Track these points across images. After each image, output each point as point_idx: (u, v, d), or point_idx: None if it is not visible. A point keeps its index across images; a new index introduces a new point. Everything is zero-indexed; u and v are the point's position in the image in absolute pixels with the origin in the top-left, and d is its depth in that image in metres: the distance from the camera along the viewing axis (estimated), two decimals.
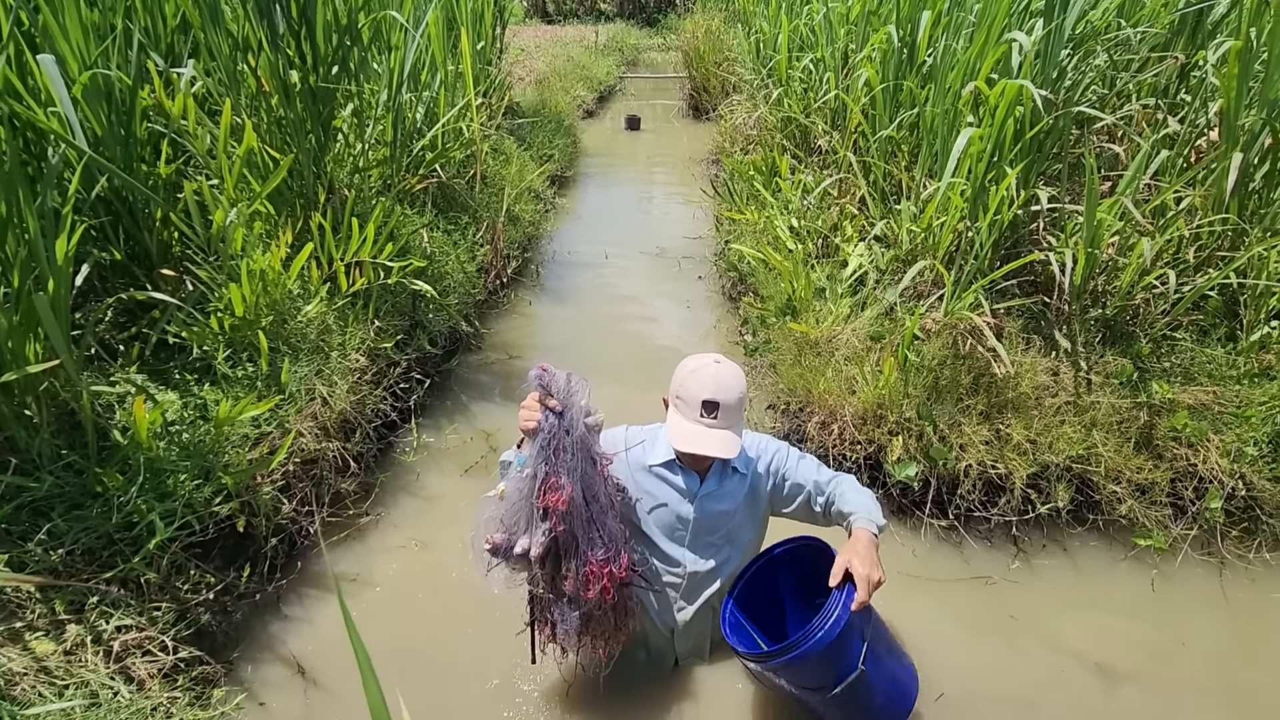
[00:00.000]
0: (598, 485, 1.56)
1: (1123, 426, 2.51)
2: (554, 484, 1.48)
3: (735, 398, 1.63)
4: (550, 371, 1.51)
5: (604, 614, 1.64)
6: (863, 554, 1.54)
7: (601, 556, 1.57)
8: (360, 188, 3.18)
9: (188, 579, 2.00)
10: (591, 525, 1.55)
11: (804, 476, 1.82)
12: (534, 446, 1.49)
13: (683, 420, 1.64)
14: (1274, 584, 2.32)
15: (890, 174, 3.41)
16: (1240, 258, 2.52)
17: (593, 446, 1.55)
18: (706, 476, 1.79)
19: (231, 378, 2.37)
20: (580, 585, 1.56)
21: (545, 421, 1.48)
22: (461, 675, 2.02)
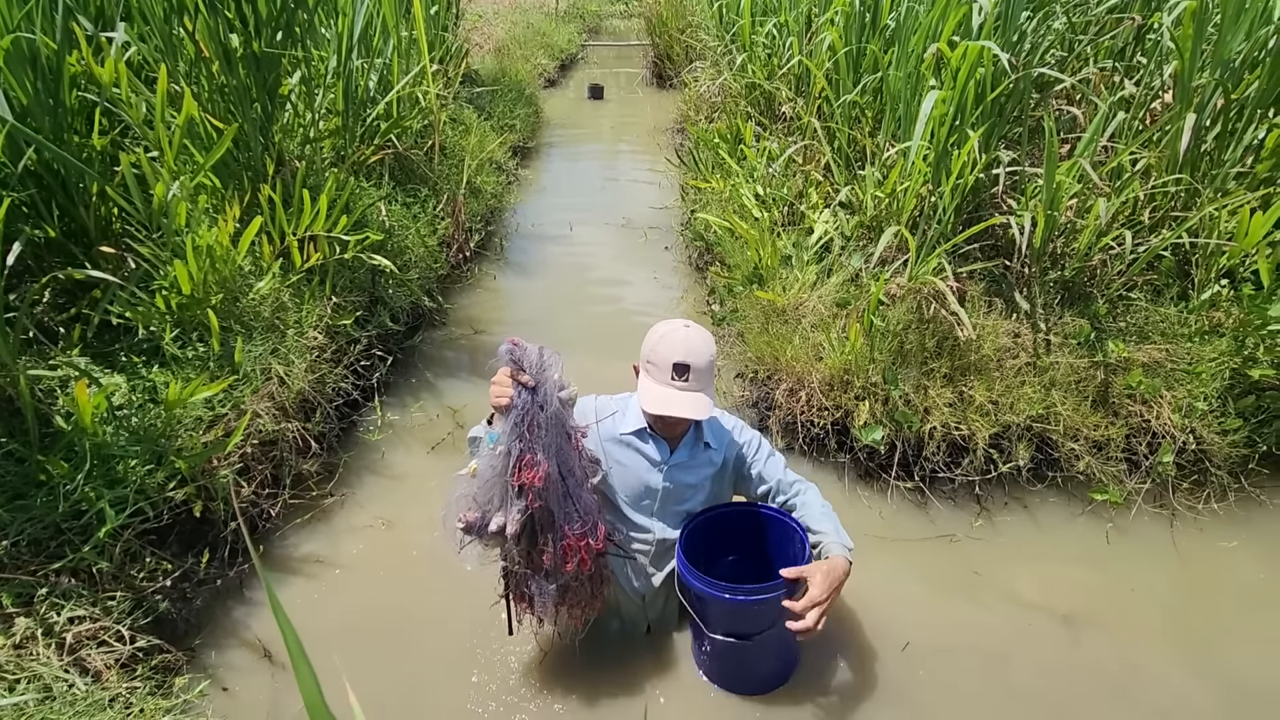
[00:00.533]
0: (573, 460, 1.55)
1: (1080, 385, 2.56)
2: (529, 460, 1.45)
3: (705, 361, 1.62)
4: (521, 346, 1.47)
5: (580, 584, 1.64)
6: (828, 581, 1.56)
7: (578, 530, 1.56)
8: (312, 159, 3.05)
9: (143, 567, 1.93)
10: (567, 500, 1.54)
11: (770, 473, 1.84)
12: (507, 423, 1.46)
13: (653, 384, 1.63)
14: (1221, 533, 2.42)
15: (854, 140, 3.40)
16: (1192, 218, 2.57)
17: (567, 421, 1.53)
18: (678, 447, 1.79)
19: (181, 359, 2.28)
20: (557, 559, 1.56)
21: (519, 398, 1.45)
22: (432, 650, 2.00)
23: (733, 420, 1.90)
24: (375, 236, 2.87)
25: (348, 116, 3.22)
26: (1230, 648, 2.05)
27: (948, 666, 1.99)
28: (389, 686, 1.91)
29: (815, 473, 2.67)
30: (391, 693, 1.90)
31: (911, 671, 1.97)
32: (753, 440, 1.87)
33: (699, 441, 1.81)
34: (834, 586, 1.57)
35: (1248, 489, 2.52)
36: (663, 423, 1.72)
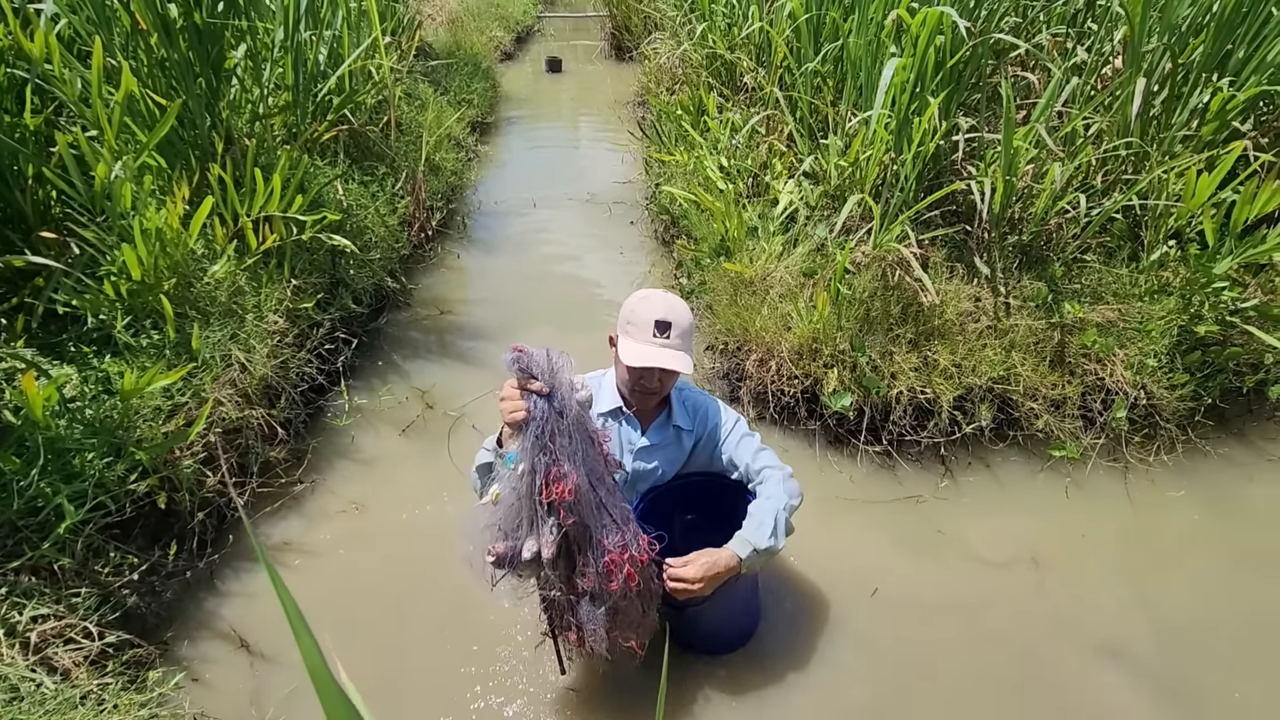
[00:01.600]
0: (600, 465, 1.42)
1: (1038, 346, 2.65)
2: (557, 474, 1.33)
3: (686, 321, 1.61)
4: (527, 351, 1.35)
5: (630, 603, 1.50)
6: (703, 568, 1.51)
7: (618, 542, 1.42)
8: (262, 137, 2.94)
9: (107, 562, 1.88)
10: (601, 511, 1.41)
11: (740, 457, 1.77)
12: (526, 438, 1.33)
13: (636, 344, 1.59)
14: (1170, 483, 2.54)
15: (817, 109, 3.41)
16: (1142, 180, 2.65)
17: (589, 424, 1.41)
18: (649, 428, 1.77)
19: (135, 347, 2.20)
20: (601, 579, 1.42)
21: (535, 409, 1.33)
22: (412, 629, 2.00)
23: (711, 401, 1.84)
24: (333, 216, 2.78)
25: (298, 91, 3.10)
26: (1169, 586, 2.19)
27: (915, 616, 2.08)
28: (370, 668, 1.91)
29: (786, 440, 2.72)
30: (373, 674, 1.89)
31: (881, 621, 2.05)
32: (728, 421, 1.81)
33: (670, 424, 1.78)
34: (708, 574, 1.51)
35: (1194, 440, 2.65)
36: (640, 393, 1.68)
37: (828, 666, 1.93)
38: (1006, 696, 1.88)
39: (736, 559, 1.55)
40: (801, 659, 1.94)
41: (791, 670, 1.91)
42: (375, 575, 2.17)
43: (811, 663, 1.93)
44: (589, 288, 3.83)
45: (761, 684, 1.87)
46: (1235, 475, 2.58)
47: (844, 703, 1.85)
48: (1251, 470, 2.59)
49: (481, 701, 1.83)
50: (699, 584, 1.51)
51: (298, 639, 0.37)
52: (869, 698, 1.86)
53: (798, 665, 1.92)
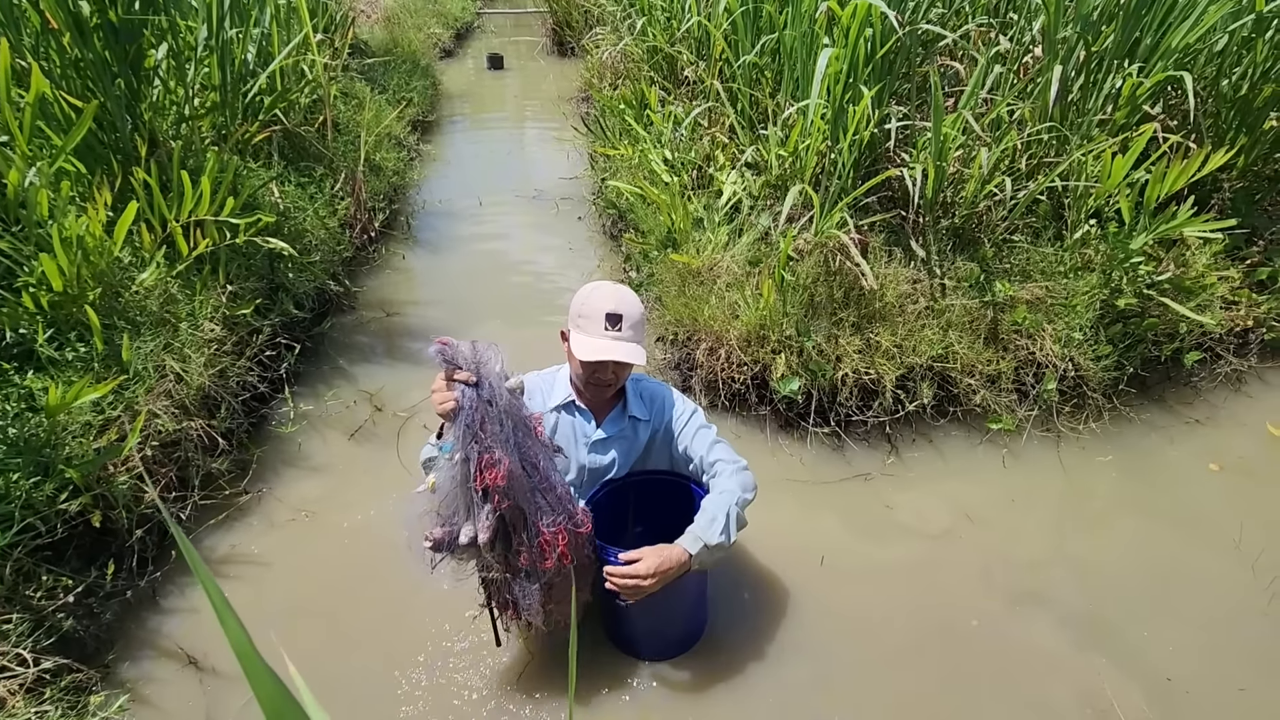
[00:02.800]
0: (535, 450, 1.46)
1: (973, 325, 2.75)
2: (489, 460, 1.36)
3: (638, 313, 1.60)
4: (452, 344, 1.38)
5: (564, 579, 1.55)
6: (653, 564, 1.49)
7: (551, 522, 1.47)
8: (189, 139, 2.84)
9: (39, 585, 1.80)
10: (536, 493, 1.46)
11: (695, 449, 1.75)
12: (457, 427, 1.37)
13: (587, 338, 1.58)
14: (1098, 449, 2.68)
15: (756, 100, 3.46)
16: (1063, 163, 2.78)
17: (520, 410, 1.44)
18: (604, 420, 1.76)
19: (61, 361, 2.10)
20: (536, 557, 1.47)
21: (463, 398, 1.36)
22: (360, 632, 1.97)
23: (667, 391, 1.83)
24: (267, 219, 2.70)
25: (226, 91, 3.00)
26: (1093, 542, 2.34)
27: (865, 586, 2.16)
28: (321, 670, 1.87)
29: (739, 426, 2.76)
30: (325, 674, 1.86)
31: (833, 593, 2.12)
32: (684, 413, 1.79)
33: (625, 415, 1.77)
34: (658, 570, 1.49)
35: (1119, 408, 2.80)
36: (594, 386, 1.67)
37: (784, 648, 1.98)
38: (952, 647, 1.97)
39: (687, 555, 1.53)
40: (760, 625, 1.98)
41: (749, 659, 1.95)
42: (326, 580, 2.13)
43: (771, 626, 1.99)
44: (539, 284, 3.81)
45: (712, 673, 1.90)
46: (1158, 438, 2.74)
47: (794, 682, 1.90)
48: (1171, 433, 2.76)
49: (426, 691, 1.82)
50: (649, 579, 1.49)
51: (223, 623, 0.38)
52: (821, 676, 1.92)
53: (759, 630, 1.97)
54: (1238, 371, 2.97)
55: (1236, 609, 2.10)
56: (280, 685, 0.37)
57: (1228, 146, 2.80)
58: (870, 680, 1.90)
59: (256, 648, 0.37)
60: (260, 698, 0.38)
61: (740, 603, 2.07)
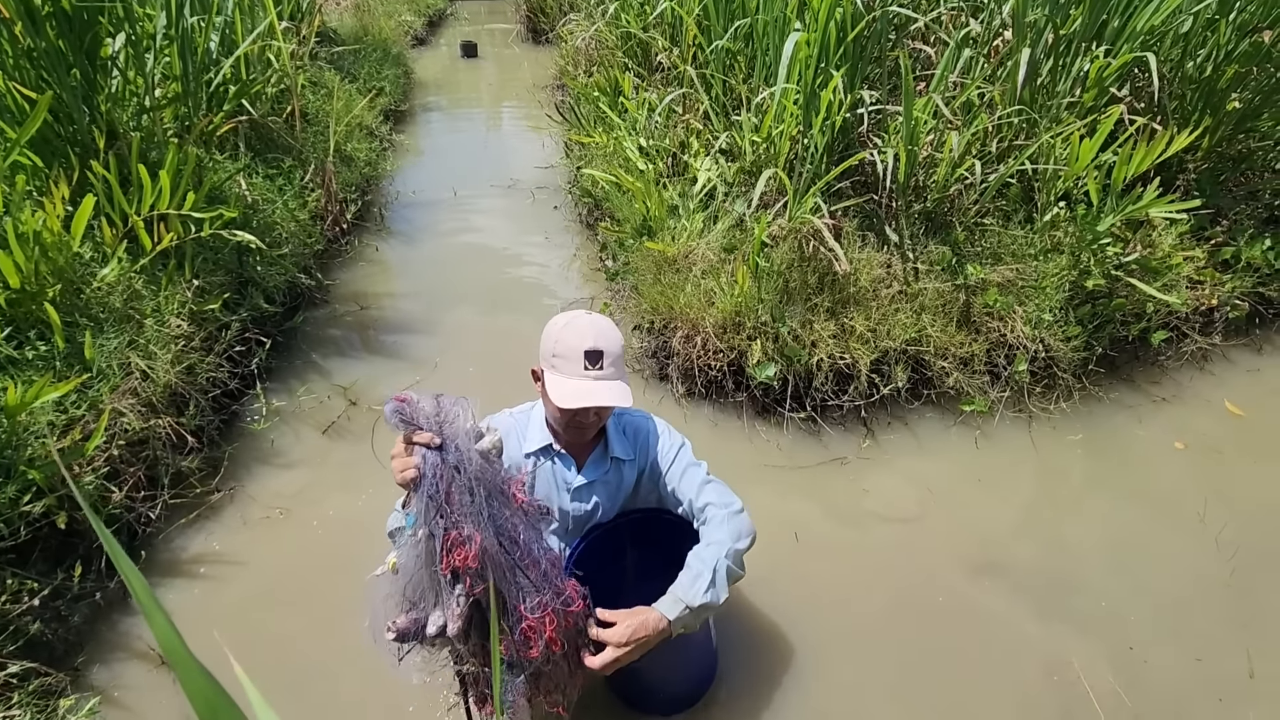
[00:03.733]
0: (514, 522, 1.22)
1: (946, 308, 2.78)
2: (457, 538, 1.14)
3: (618, 346, 1.43)
4: (411, 400, 1.16)
5: (554, 666, 1.32)
6: (629, 631, 1.32)
7: (536, 605, 1.23)
8: (150, 130, 2.77)
9: (3, 589, 1.76)
10: (517, 571, 1.22)
11: (685, 490, 1.57)
12: (420, 499, 1.16)
13: (565, 379, 1.39)
14: (1069, 428, 2.72)
15: (730, 87, 3.45)
16: (1031, 146, 2.80)
17: (496, 475, 1.21)
18: (585, 464, 1.59)
19: (20, 360, 2.05)
20: (519, 646, 1.24)
21: (425, 465, 1.14)
22: (340, 636, 1.95)
23: (653, 424, 1.66)
24: (230, 213, 2.65)
25: (187, 81, 2.93)
26: (1061, 519, 2.38)
27: (840, 561, 2.20)
28: (292, 672, 1.86)
29: (715, 413, 2.77)
30: (294, 676, 1.85)
31: (810, 568, 2.16)
32: (671, 448, 1.61)
33: (607, 456, 1.60)
34: (634, 639, 1.31)
35: (1089, 387, 2.84)
36: (573, 429, 1.49)
37: (759, 625, 1.99)
38: (922, 621, 2.00)
39: (665, 621, 1.34)
40: (729, 625, 2.00)
41: (722, 639, 1.96)
42: (300, 578, 2.11)
43: (753, 597, 2.01)
44: (515, 276, 3.79)
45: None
46: (1126, 417, 2.79)
47: (766, 654, 1.92)
48: (1139, 411, 2.81)
49: (393, 687, 1.80)
50: (625, 648, 1.31)
51: (148, 617, 0.37)
52: (793, 650, 1.94)
53: (738, 600, 1.99)
54: (1203, 350, 3.03)
55: (1199, 582, 2.15)
56: (211, 680, 0.37)
57: (1192, 128, 2.84)
58: (841, 653, 1.93)
59: (188, 646, 0.37)
60: (190, 693, 0.37)
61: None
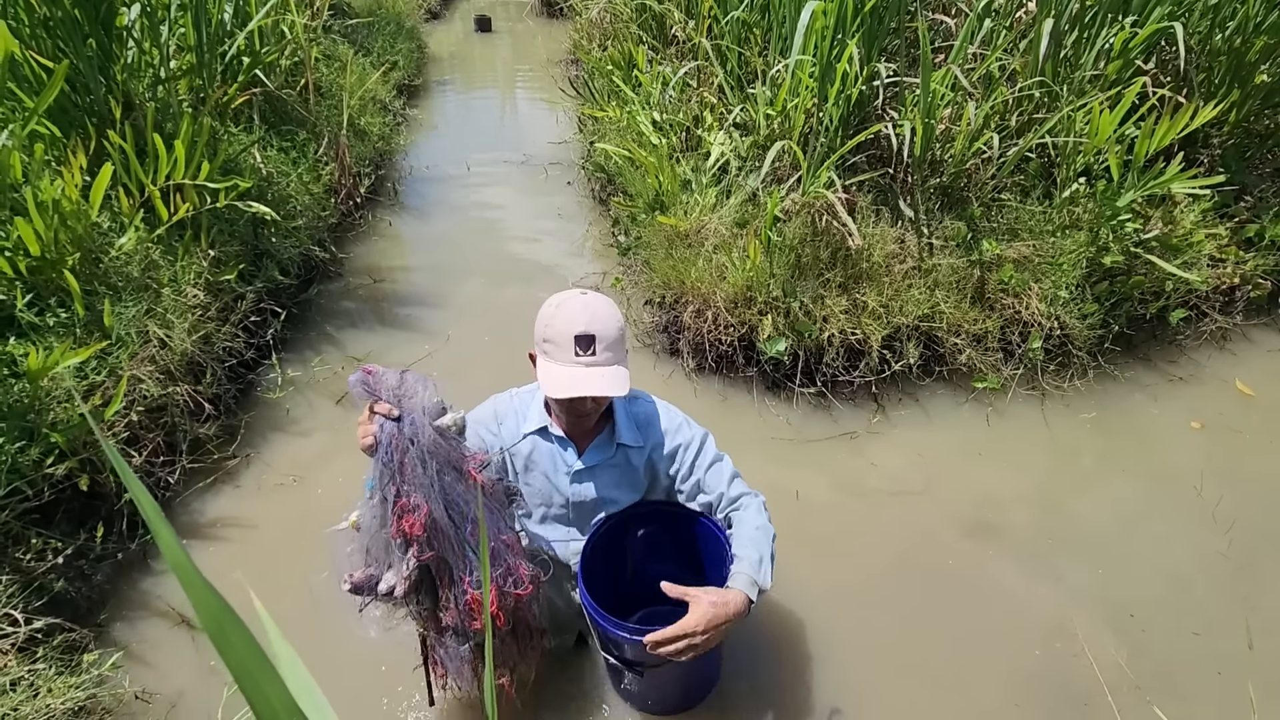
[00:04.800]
0: (467, 497, 1.25)
1: (960, 284, 2.75)
2: (404, 505, 1.19)
3: (614, 329, 1.35)
4: (376, 372, 1.22)
5: (501, 643, 1.36)
6: (712, 612, 1.27)
7: (478, 581, 1.25)
8: (166, 101, 2.78)
9: (28, 548, 1.82)
10: (465, 545, 1.26)
11: (713, 485, 1.54)
12: (375, 465, 1.21)
13: (556, 366, 1.34)
14: (1082, 407, 2.70)
15: (745, 59, 3.40)
16: (1051, 119, 2.74)
17: (454, 450, 1.24)
18: (586, 449, 1.53)
19: (41, 326, 2.09)
20: (464, 616, 1.28)
21: (381, 433, 1.19)
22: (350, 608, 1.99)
23: (673, 415, 1.59)
24: (244, 184, 2.66)
25: (202, 52, 2.93)
26: (1072, 496, 2.37)
27: (848, 530, 2.23)
28: (301, 635, 1.91)
29: (726, 388, 2.78)
30: (304, 639, 1.89)
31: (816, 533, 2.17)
32: (693, 442, 1.55)
33: (613, 443, 1.52)
34: (718, 622, 1.27)
35: (1104, 366, 2.81)
36: (571, 415, 1.45)
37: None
38: (928, 584, 2.02)
39: (748, 602, 1.31)
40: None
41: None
42: (313, 544, 2.15)
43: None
44: (527, 251, 3.79)
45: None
46: (1141, 397, 2.76)
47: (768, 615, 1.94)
48: (1155, 391, 2.78)
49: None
50: (702, 636, 1.26)
51: (156, 534, 0.38)
52: (795, 608, 1.96)
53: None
54: (1223, 329, 2.98)
55: (1203, 558, 2.14)
56: (215, 595, 0.38)
57: (1218, 101, 2.77)
58: (841, 615, 1.96)
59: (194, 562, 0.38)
60: (197, 606, 0.38)
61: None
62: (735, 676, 1.81)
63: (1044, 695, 1.79)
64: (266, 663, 0.39)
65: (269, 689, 0.39)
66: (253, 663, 0.39)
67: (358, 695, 1.76)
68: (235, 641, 0.38)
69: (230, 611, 0.38)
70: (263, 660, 0.39)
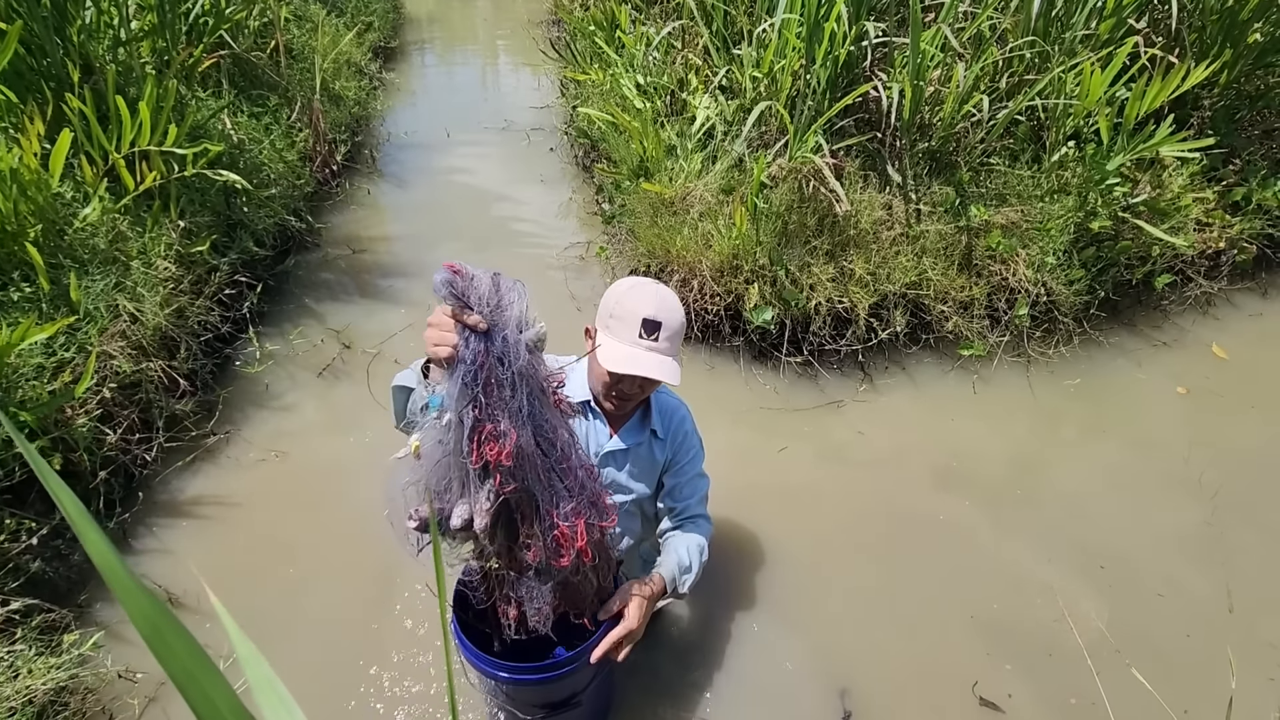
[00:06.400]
0: (553, 422, 1.14)
1: (948, 251, 2.73)
2: (490, 432, 1.05)
3: (678, 321, 1.36)
4: (465, 273, 1.06)
5: (582, 577, 1.25)
6: (643, 605, 1.35)
7: (571, 512, 1.15)
8: (127, 64, 2.67)
9: (2, 529, 1.78)
10: (553, 474, 1.14)
11: (686, 495, 1.58)
12: (453, 383, 1.05)
13: (618, 343, 1.34)
14: (1067, 373, 2.71)
15: (731, 18, 3.30)
16: (1042, 80, 2.69)
17: (539, 371, 1.10)
18: (621, 430, 1.51)
19: (4, 301, 2.02)
20: (549, 553, 1.16)
21: (466, 349, 1.03)
22: (333, 579, 1.98)
23: (686, 412, 1.61)
24: (215, 148, 2.57)
25: (164, 11, 2.80)
26: (1054, 461, 2.40)
27: (836, 491, 2.26)
28: (285, 612, 1.90)
29: (712, 358, 2.75)
30: (288, 616, 1.88)
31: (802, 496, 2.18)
32: (694, 450, 1.59)
33: (646, 428, 1.53)
34: (648, 609, 1.37)
35: (1089, 332, 2.82)
36: (615, 398, 1.43)
37: (763, 510, 2.02)
38: (910, 539, 2.04)
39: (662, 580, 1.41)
40: (728, 513, 2.03)
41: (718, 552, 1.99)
42: (296, 520, 2.13)
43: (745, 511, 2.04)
44: (510, 220, 3.71)
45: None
46: (1125, 362, 2.77)
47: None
48: (1139, 356, 2.79)
49: (380, 631, 1.85)
50: (640, 625, 1.33)
51: (81, 535, 0.35)
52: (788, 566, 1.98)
53: (729, 519, 2.02)
54: (1207, 294, 2.99)
55: (1183, 522, 2.17)
56: (149, 597, 0.35)
57: (1210, 61, 2.72)
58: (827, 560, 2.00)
59: (126, 565, 0.35)
60: (130, 612, 0.35)
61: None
62: (718, 619, 1.82)
63: (1014, 644, 1.82)
64: (209, 666, 0.37)
65: (213, 692, 0.37)
66: (194, 665, 0.36)
67: (337, 677, 1.76)
68: (173, 644, 0.36)
69: (166, 613, 0.36)
70: (204, 663, 0.36)
